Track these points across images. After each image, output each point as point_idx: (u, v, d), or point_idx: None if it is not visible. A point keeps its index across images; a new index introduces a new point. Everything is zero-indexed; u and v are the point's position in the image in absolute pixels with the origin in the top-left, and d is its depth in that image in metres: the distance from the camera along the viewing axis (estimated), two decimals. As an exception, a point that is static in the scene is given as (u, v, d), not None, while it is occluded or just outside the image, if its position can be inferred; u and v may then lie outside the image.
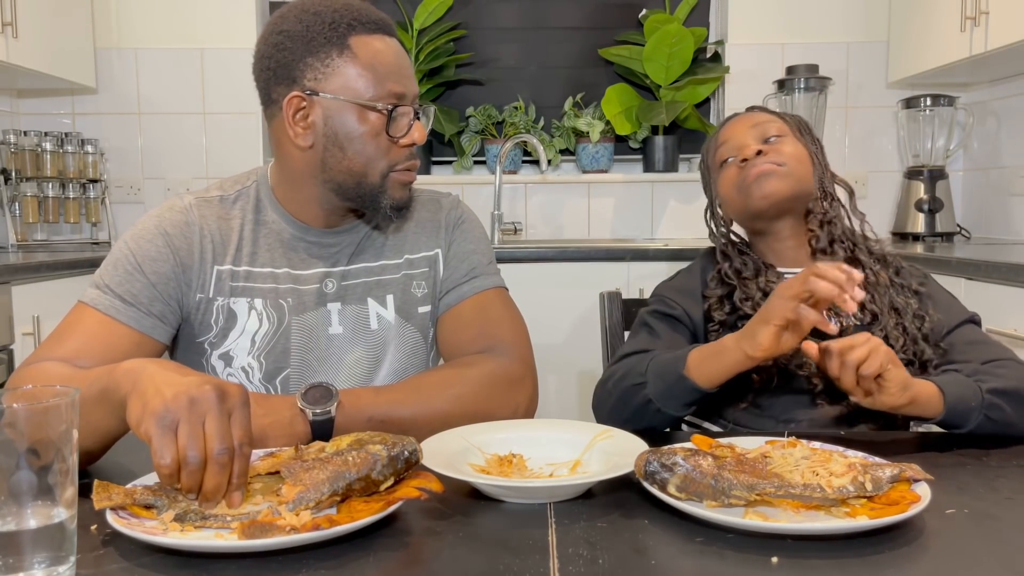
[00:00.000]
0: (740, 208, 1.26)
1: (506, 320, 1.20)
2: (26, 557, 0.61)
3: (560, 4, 3.17)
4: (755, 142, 1.25)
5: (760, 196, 1.21)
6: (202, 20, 2.98)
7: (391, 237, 1.21)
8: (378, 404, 1.03)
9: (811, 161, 1.26)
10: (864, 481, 0.75)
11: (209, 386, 0.74)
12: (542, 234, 3.17)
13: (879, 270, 1.23)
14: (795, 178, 1.22)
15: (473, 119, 3.11)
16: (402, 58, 1.11)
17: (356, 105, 1.07)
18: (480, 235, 1.27)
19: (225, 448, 0.72)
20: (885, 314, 1.18)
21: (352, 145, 1.08)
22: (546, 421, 1.01)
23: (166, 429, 0.72)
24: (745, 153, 1.24)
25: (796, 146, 1.25)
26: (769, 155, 1.22)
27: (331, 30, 1.06)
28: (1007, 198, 2.83)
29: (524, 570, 0.65)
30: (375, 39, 1.09)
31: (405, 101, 1.09)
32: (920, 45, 2.76)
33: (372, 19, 1.09)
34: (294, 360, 1.15)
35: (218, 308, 1.13)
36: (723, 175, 1.28)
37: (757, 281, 1.23)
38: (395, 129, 1.09)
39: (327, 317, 1.16)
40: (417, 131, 1.11)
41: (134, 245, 1.11)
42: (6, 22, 2.38)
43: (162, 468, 0.72)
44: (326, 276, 1.16)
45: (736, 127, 1.29)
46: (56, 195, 2.82)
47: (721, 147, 1.29)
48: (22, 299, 2.03)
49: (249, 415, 0.76)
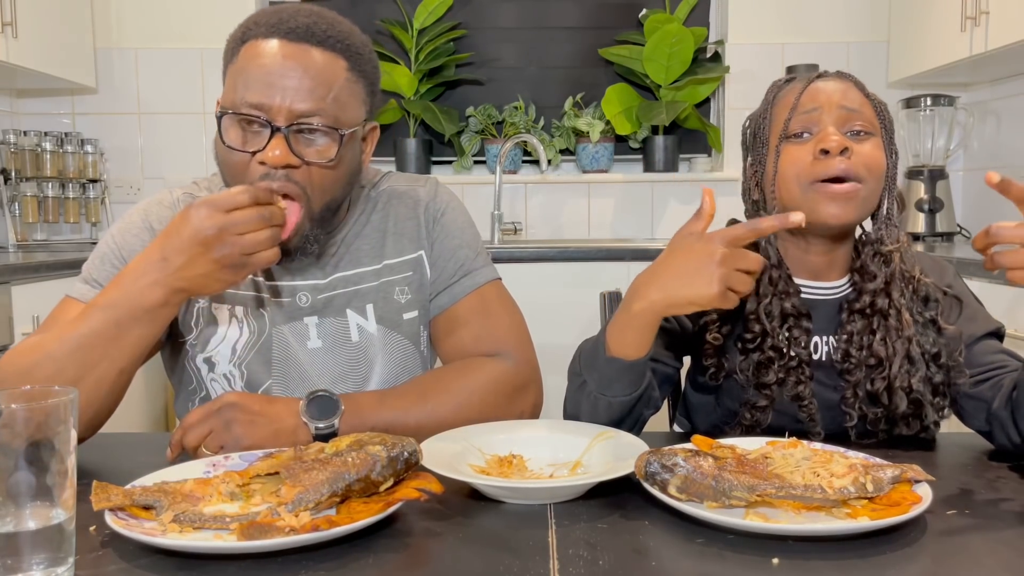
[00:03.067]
0: (797, 205, 1.04)
1: (505, 318, 1.16)
2: (25, 558, 0.60)
3: (560, 4, 3.16)
4: (840, 129, 1.04)
5: (831, 219, 1.02)
6: (202, 20, 2.98)
7: (368, 242, 1.15)
8: (381, 414, 1.01)
9: (885, 176, 1.07)
10: (865, 482, 0.75)
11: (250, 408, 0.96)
12: (542, 234, 3.17)
13: (906, 314, 1.05)
14: (870, 203, 1.05)
15: (473, 119, 3.11)
16: (281, 67, 0.98)
17: (220, 108, 1.01)
18: (464, 225, 1.20)
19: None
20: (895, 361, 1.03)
21: (217, 154, 1.04)
22: (546, 421, 1.01)
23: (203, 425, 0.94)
24: (828, 143, 1.01)
25: (879, 155, 1.05)
26: (853, 162, 1.02)
27: (238, 34, 1.03)
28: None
29: (524, 571, 0.65)
30: (264, 43, 0.99)
31: (264, 111, 0.97)
32: (920, 45, 2.76)
33: (273, 22, 1.00)
34: (276, 372, 1.12)
35: (197, 310, 1.11)
36: (789, 151, 1.05)
37: (783, 303, 1.06)
38: (230, 138, 0.99)
39: (305, 331, 1.12)
40: (271, 148, 0.97)
41: (120, 239, 1.09)
42: (6, 22, 2.38)
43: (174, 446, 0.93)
44: (298, 290, 1.12)
45: (824, 96, 1.05)
46: (56, 195, 2.82)
47: (798, 115, 1.05)
48: (22, 299, 2.03)
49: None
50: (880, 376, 1.03)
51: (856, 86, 1.09)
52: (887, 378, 1.03)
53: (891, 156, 1.08)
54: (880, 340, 1.04)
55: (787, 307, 1.05)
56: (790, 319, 1.05)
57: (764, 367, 1.05)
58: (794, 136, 1.06)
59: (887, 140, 1.08)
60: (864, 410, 1.04)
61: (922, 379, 1.03)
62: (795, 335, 1.05)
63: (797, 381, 1.04)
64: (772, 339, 1.05)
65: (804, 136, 1.05)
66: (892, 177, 1.08)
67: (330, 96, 1.00)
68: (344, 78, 1.02)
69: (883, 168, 1.06)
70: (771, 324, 1.05)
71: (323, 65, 1.00)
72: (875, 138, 1.06)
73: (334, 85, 1.01)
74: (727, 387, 1.10)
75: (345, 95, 1.02)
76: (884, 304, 1.05)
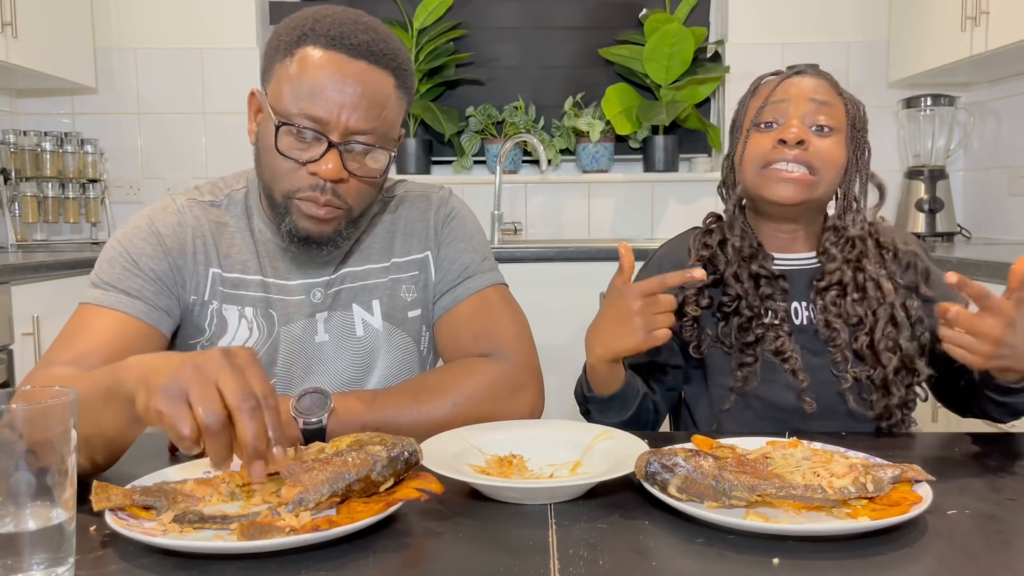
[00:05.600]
0: (752, 185, 1.16)
1: (506, 319, 1.16)
2: (25, 558, 0.60)
3: (560, 4, 3.16)
4: (805, 122, 1.13)
5: (777, 198, 1.13)
6: (202, 20, 2.98)
7: (378, 240, 1.18)
8: (372, 412, 1.01)
9: (845, 170, 1.16)
10: (865, 482, 0.75)
11: (214, 350, 0.71)
12: (542, 234, 3.17)
13: (886, 283, 1.14)
14: (821, 189, 1.14)
15: (473, 119, 3.11)
16: (341, 83, 0.99)
17: (273, 113, 1.02)
18: (472, 231, 1.22)
19: (248, 394, 0.68)
20: (878, 325, 1.12)
21: (264, 154, 1.05)
22: (546, 421, 1.01)
23: (176, 399, 0.68)
24: (786, 134, 1.11)
25: (838, 151, 1.14)
26: (809, 153, 1.11)
27: (294, 34, 1.03)
28: (1007, 198, 2.82)
29: (524, 571, 0.65)
30: (324, 54, 1.00)
31: (321, 126, 1.00)
32: (920, 45, 2.76)
33: (334, 34, 1.00)
34: (280, 370, 1.12)
35: (212, 311, 1.11)
36: (755, 138, 1.16)
37: (750, 266, 1.17)
38: (284, 146, 1.01)
39: (313, 326, 1.13)
40: (325, 162, 1.00)
41: (127, 243, 1.09)
42: (6, 22, 2.38)
43: (183, 441, 0.67)
44: (312, 287, 1.13)
45: (796, 89, 1.15)
46: (56, 195, 2.82)
47: (769, 105, 1.15)
48: (22, 299, 2.03)
49: (263, 371, 0.72)
50: (863, 334, 1.13)
51: (829, 83, 1.18)
52: (870, 335, 1.12)
53: (861, 151, 1.18)
54: (855, 302, 1.14)
55: (755, 269, 1.16)
56: (762, 280, 1.16)
57: (744, 328, 1.15)
58: (763, 125, 1.16)
59: (853, 136, 1.17)
60: (856, 373, 1.12)
61: (908, 338, 1.12)
62: (767, 293, 1.16)
63: (776, 336, 1.13)
64: (747, 300, 1.15)
65: (772, 126, 1.15)
66: (860, 171, 1.19)
67: (382, 115, 1.03)
68: (394, 96, 1.04)
69: (840, 163, 1.15)
70: (744, 286, 1.16)
71: (379, 85, 1.02)
72: (837, 134, 1.15)
73: (386, 104, 1.03)
74: (713, 364, 1.18)
75: (394, 113, 1.05)
76: (858, 277, 1.15)
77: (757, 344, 1.14)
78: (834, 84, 1.18)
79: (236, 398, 0.68)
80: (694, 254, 1.22)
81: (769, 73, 1.22)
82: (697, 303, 1.18)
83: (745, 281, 1.16)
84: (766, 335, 1.14)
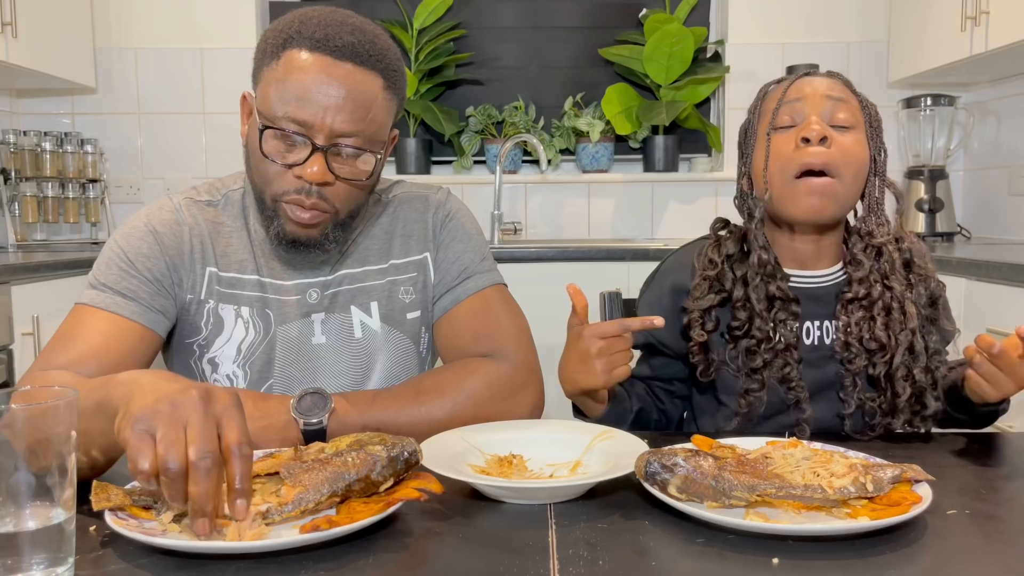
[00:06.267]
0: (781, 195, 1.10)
1: (505, 319, 1.16)
2: (25, 558, 0.60)
3: (560, 4, 3.16)
4: (824, 119, 1.08)
5: (809, 212, 1.08)
6: (202, 20, 2.98)
7: (376, 242, 1.17)
8: (372, 412, 1.01)
9: (867, 170, 1.11)
10: (865, 482, 0.75)
11: (195, 391, 0.70)
12: (542, 234, 3.17)
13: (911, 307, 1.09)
14: (848, 197, 1.09)
15: (473, 119, 3.11)
16: (326, 86, 0.98)
17: (259, 116, 1.02)
18: (471, 231, 1.21)
19: (208, 453, 0.67)
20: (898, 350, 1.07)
21: (252, 157, 1.05)
22: (546, 422, 1.01)
23: (143, 434, 0.68)
24: (809, 131, 1.06)
25: (860, 148, 1.09)
26: (831, 152, 1.06)
27: (280, 37, 1.02)
28: (1007, 198, 2.82)
29: (524, 571, 0.65)
30: (309, 56, 0.99)
31: (305, 129, 0.99)
32: (920, 45, 2.76)
33: (319, 37, 1.00)
34: (277, 371, 1.12)
35: (208, 311, 1.11)
36: (775, 141, 1.10)
37: (767, 286, 1.10)
38: (270, 149, 1.01)
39: (310, 327, 1.13)
40: (309, 165, 0.99)
41: (124, 244, 1.09)
42: (6, 22, 2.38)
43: (139, 474, 0.67)
44: (308, 287, 1.13)
45: (810, 87, 1.10)
46: (56, 195, 2.82)
47: (784, 106, 1.10)
48: (22, 299, 2.03)
49: (242, 416, 0.72)
50: (882, 361, 1.07)
51: (843, 81, 1.13)
52: (888, 363, 1.07)
53: (878, 151, 1.12)
54: (881, 327, 1.08)
55: (772, 290, 1.10)
56: (777, 302, 1.10)
57: (752, 352, 1.10)
58: (782, 128, 1.10)
59: (871, 135, 1.12)
60: (863, 399, 1.08)
61: (923, 369, 1.07)
62: (781, 317, 1.10)
63: (784, 363, 1.09)
64: (759, 321, 1.10)
65: (791, 128, 1.09)
66: (879, 171, 1.13)
67: (368, 116, 1.02)
68: (381, 97, 1.03)
69: (863, 161, 1.10)
70: (759, 307, 1.10)
71: (365, 86, 1.01)
72: (857, 132, 1.10)
73: (373, 106, 1.02)
74: (722, 383, 1.14)
75: (381, 114, 1.04)
76: (885, 296, 1.09)
77: (764, 369, 1.09)
78: (847, 83, 1.14)
79: (196, 453, 0.67)
80: (699, 274, 1.16)
81: (773, 81, 1.18)
82: (703, 327, 1.12)
83: (762, 303, 1.10)
84: (774, 361, 1.09)
